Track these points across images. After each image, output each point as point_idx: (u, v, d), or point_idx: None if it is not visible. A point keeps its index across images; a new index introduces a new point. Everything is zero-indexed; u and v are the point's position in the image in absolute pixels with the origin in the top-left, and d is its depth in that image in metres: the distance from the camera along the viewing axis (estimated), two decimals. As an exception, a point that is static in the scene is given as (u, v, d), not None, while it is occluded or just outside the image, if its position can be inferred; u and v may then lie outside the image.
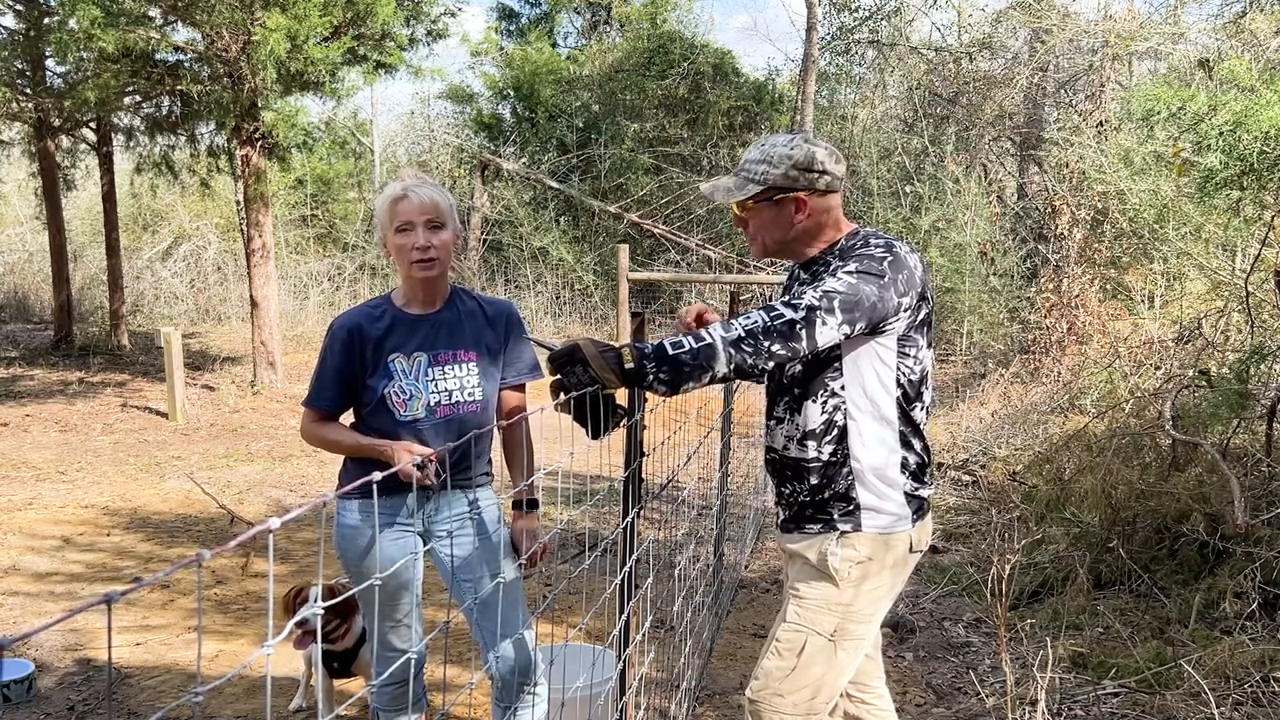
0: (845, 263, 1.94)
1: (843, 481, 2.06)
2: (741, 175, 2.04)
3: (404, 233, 2.31)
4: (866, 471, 2.05)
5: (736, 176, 2.05)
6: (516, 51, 19.29)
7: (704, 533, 4.51)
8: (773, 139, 2.04)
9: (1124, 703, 3.26)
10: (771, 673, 2.10)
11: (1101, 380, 7.06)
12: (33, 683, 3.50)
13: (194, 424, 8.82)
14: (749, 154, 2.04)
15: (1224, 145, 3.62)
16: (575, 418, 1.86)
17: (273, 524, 0.94)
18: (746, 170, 2.03)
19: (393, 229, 2.32)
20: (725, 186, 2.06)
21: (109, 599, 0.74)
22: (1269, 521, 3.74)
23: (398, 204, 2.32)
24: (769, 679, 2.10)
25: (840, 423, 2.04)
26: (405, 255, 2.32)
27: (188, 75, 9.22)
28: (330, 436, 2.42)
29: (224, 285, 16.59)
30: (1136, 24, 11.79)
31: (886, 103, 16.65)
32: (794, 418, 2.09)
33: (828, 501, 2.07)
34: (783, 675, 2.08)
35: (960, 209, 11.84)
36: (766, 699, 2.10)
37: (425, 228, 2.31)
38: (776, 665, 2.09)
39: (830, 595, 2.07)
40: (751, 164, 2.03)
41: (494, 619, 2.42)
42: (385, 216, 2.34)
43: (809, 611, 2.08)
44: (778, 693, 2.08)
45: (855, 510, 2.06)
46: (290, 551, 5.17)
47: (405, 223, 2.31)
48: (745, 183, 2.02)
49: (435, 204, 2.32)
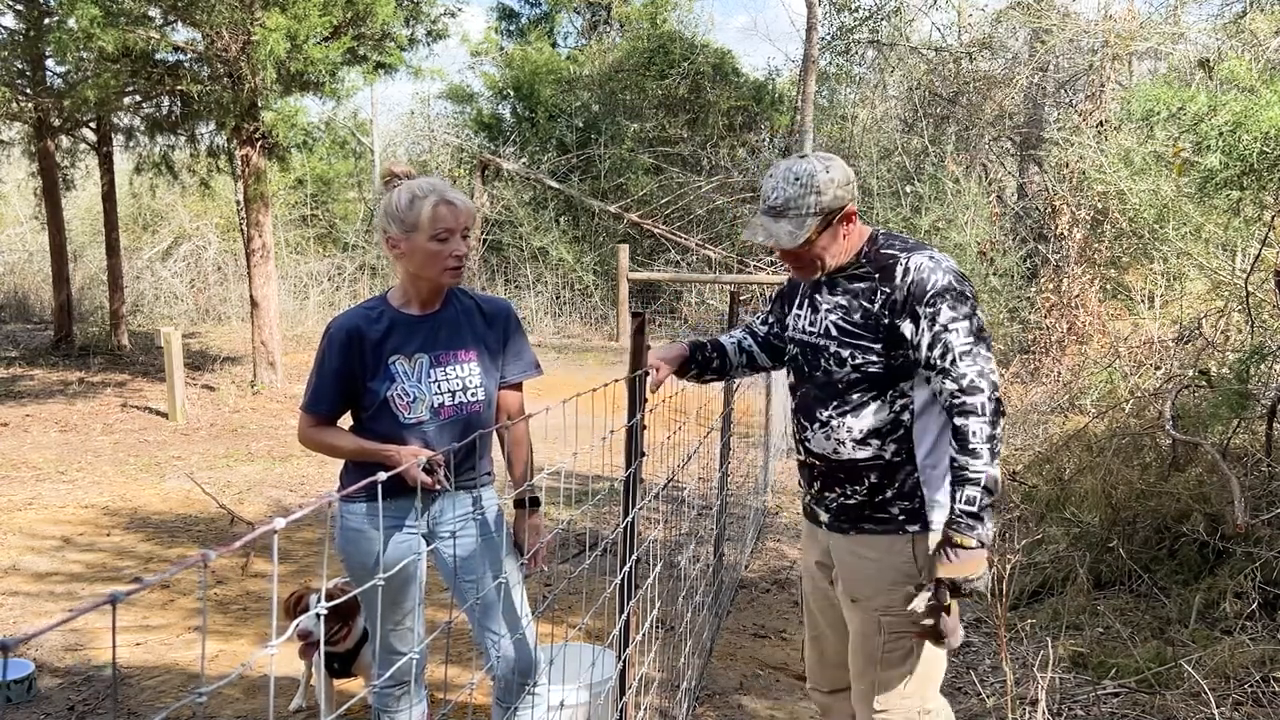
0: (935, 307, 2.02)
1: (906, 480, 2.11)
2: (792, 216, 2.06)
3: (442, 240, 2.28)
4: (929, 468, 2.11)
5: (785, 219, 2.07)
6: (516, 51, 19.29)
7: (704, 533, 4.51)
8: (792, 169, 2.07)
9: (1124, 703, 3.26)
10: (890, 682, 2.18)
11: (1101, 380, 7.06)
12: (33, 683, 3.49)
13: (194, 424, 8.82)
14: (786, 192, 2.06)
15: (1224, 145, 3.62)
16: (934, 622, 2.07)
17: (277, 524, 0.94)
18: (795, 208, 2.06)
19: (429, 234, 2.27)
20: (783, 231, 2.07)
21: (114, 599, 0.74)
22: (1269, 521, 3.74)
23: (438, 209, 2.27)
24: (891, 693, 2.19)
25: (906, 421, 2.11)
26: (439, 261, 2.29)
27: (188, 75, 9.22)
28: (331, 441, 2.38)
29: (224, 285, 16.58)
30: (1136, 24, 11.79)
31: (886, 103, 16.65)
32: (848, 419, 2.12)
33: (889, 501, 2.13)
34: (903, 682, 2.18)
35: (960, 209, 11.83)
36: (896, 705, 2.19)
37: (462, 237, 2.31)
38: (894, 675, 2.18)
39: (911, 594, 2.14)
40: (796, 200, 2.05)
41: (496, 619, 2.42)
42: (421, 219, 2.27)
43: (899, 618, 2.14)
44: (904, 695, 2.19)
45: (920, 508, 2.12)
46: (290, 551, 5.17)
47: (446, 230, 2.28)
48: (802, 220, 2.05)
49: (471, 213, 2.34)
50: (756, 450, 6.15)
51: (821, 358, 2.14)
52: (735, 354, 2.44)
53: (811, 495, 2.28)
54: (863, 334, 2.08)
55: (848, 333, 2.10)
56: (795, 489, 6.81)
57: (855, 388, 2.11)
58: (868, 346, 2.07)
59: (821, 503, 2.24)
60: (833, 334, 2.12)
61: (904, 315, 2.03)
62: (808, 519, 2.36)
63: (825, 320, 2.14)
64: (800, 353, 2.22)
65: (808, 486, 2.29)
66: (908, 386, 2.10)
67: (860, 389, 2.10)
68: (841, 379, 2.12)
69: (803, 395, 2.22)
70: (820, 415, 2.16)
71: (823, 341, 2.14)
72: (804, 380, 2.21)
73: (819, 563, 2.34)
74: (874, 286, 2.08)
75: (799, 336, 2.23)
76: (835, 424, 2.14)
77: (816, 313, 2.18)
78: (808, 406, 2.20)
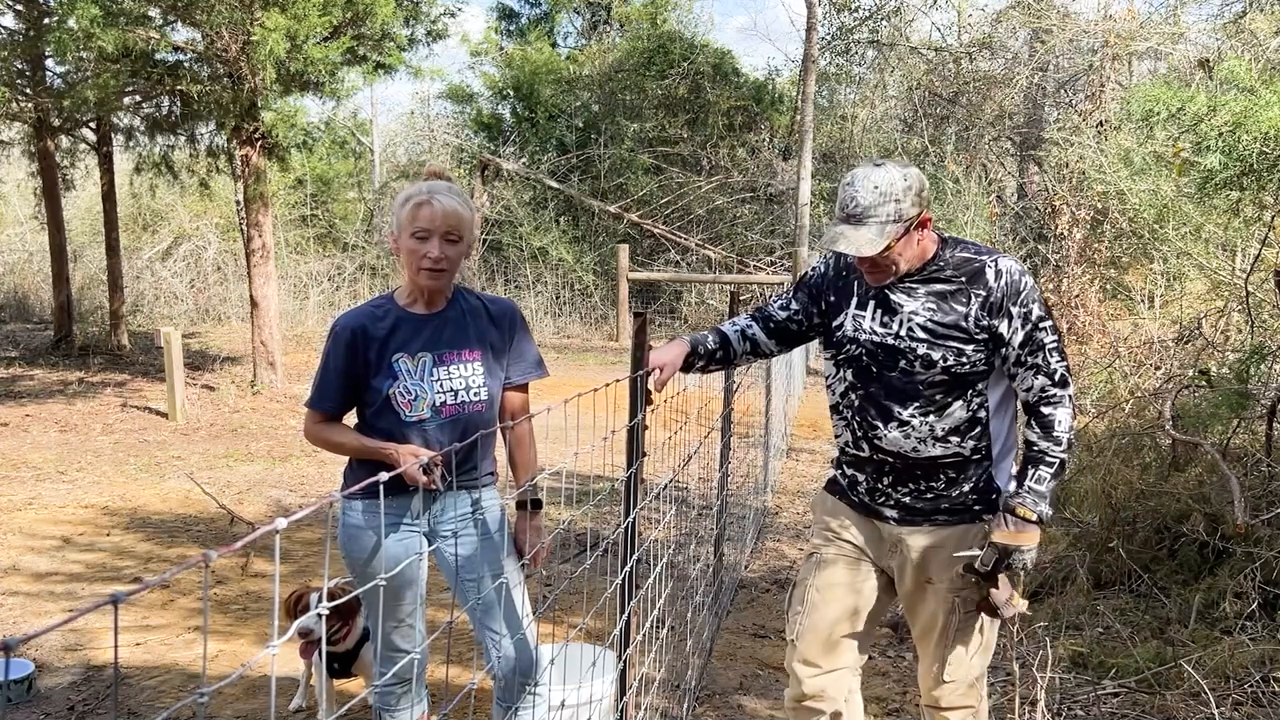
0: (1027, 306, 2.16)
1: (981, 475, 2.25)
2: (872, 223, 2.11)
3: (419, 239, 2.29)
4: (1000, 460, 2.26)
5: (865, 226, 2.11)
6: (516, 51, 19.29)
7: (704, 533, 4.52)
8: (870, 177, 2.12)
9: (1124, 703, 3.26)
10: (960, 656, 2.33)
11: (1101, 380, 7.06)
12: (33, 683, 3.49)
13: (194, 424, 8.82)
14: (865, 199, 2.10)
15: (1224, 146, 3.62)
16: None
17: (279, 524, 0.94)
18: (875, 216, 2.10)
19: (409, 232, 2.30)
20: (863, 239, 2.11)
21: (115, 599, 0.74)
22: (1269, 521, 3.74)
23: (419, 209, 2.28)
24: (958, 665, 2.33)
25: (983, 419, 2.22)
26: (416, 261, 2.30)
27: (187, 75, 9.21)
28: (334, 438, 2.41)
29: (224, 285, 16.58)
30: (1136, 24, 11.80)
31: (886, 103, 16.66)
32: (930, 418, 2.20)
33: (965, 494, 2.25)
34: (970, 654, 2.33)
35: (960, 209, 11.84)
36: (962, 675, 2.34)
37: (442, 239, 2.29)
38: (962, 649, 2.33)
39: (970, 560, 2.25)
40: (876, 208, 2.10)
41: (497, 619, 2.43)
42: (404, 218, 2.31)
43: (969, 596, 2.26)
44: (970, 667, 2.34)
45: (995, 498, 2.25)
46: (291, 551, 5.17)
47: (423, 230, 2.28)
48: (883, 227, 2.10)
49: (457, 216, 2.30)
50: (756, 450, 6.15)
51: (903, 359, 2.20)
52: (739, 341, 2.45)
53: (879, 490, 2.31)
54: (953, 334, 2.16)
55: (938, 334, 2.17)
56: (795, 489, 6.81)
57: (939, 388, 2.18)
58: (959, 348, 2.16)
59: (890, 498, 2.29)
60: (919, 336, 2.18)
61: (1000, 315, 2.15)
62: (859, 512, 2.37)
63: (910, 322, 2.19)
64: (867, 353, 2.25)
65: (874, 481, 2.31)
66: (983, 385, 2.21)
67: (943, 389, 2.18)
68: (925, 380, 2.18)
69: (871, 394, 2.25)
70: (899, 414, 2.21)
71: (906, 344, 2.19)
72: (872, 380, 2.25)
73: (849, 542, 2.37)
74: (964, 289, 2.17)
75: (865, 337, 2.26)
76: (917, 423, 2.20)
77: (893, 314, 2.22)
78: (880, 405, 2.24)
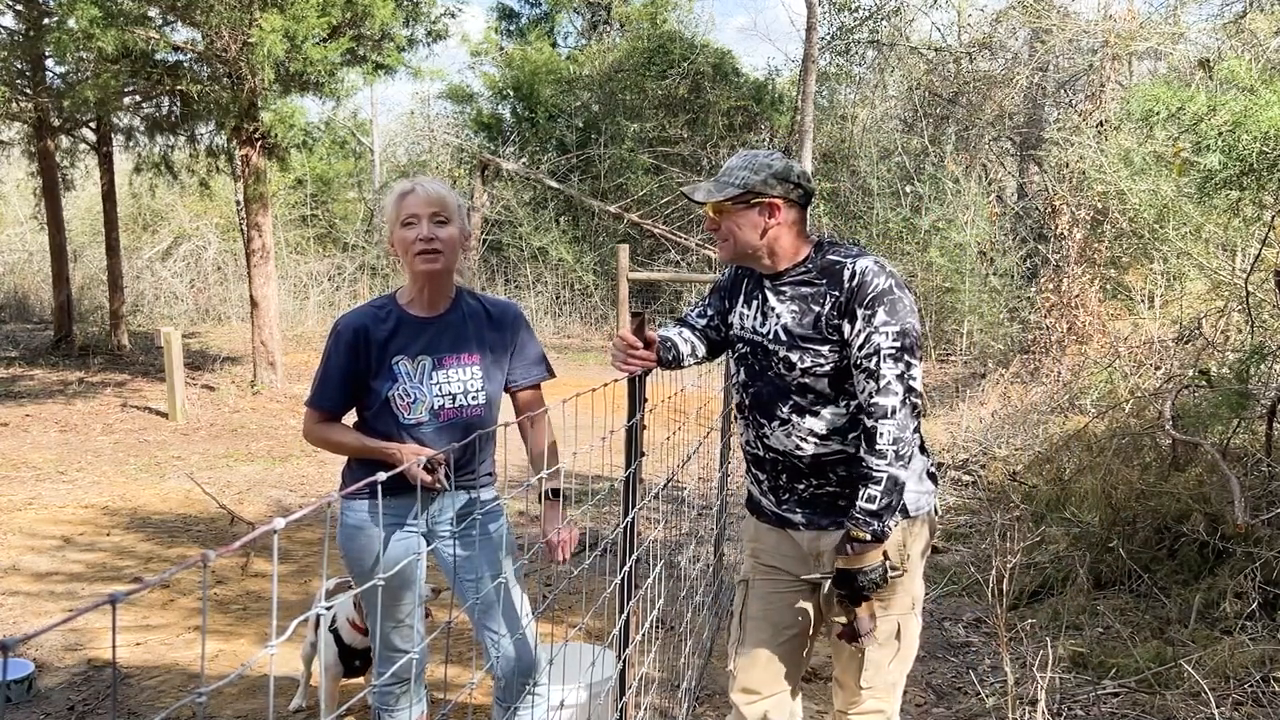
0: (872, 309, 2.07)
1: None
2: (722, 180, 2.19)
3: (409, 226, 2.31)
4: None
5: (717, 181, 2.21)
6: (516, 51, 19.28)
7: (704, 533, 4.52)
8: (754, 151, 2.23)
9: (1124, 703, 3.26)
10: (879, 662, 2.26)
11: (1101, 380, 7.06)
12: (33, 683, 3.49)
13: (194, 424, 8.82)
14: (731, 162, 2.21)
15: (1223, 145, 3.62)
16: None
17: (277, 524, 0.94)
18: (727, 176, 2.19)
19: (399, 223, 2.33)
20: (706, 188, 2.21)
21: (114, 599, 0.74)
22: (1269, 521, 3.74)
23: (404, 198, 2.33)
24: (876, 672, 2.27)
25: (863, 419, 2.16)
26: (409, 248, 2.31)
27: (187, 75, 9.22)
28: (334, 438, 2.41)
29: (224, 285, 16.58)
30: (1136, 24, 11.79)
31: (886, 103, 16.65)
32: (806, 419, 2.15)
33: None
34: (888, 661, 2.26)
35: (960, 209, 11.83)
36: (880, 682, 2.28)
37: (430, 221, 2.31)
38: (881, 655, 2.26)
39: (900, 579, 2.21)
40: (733, 170, 2.19)
41: (496, 618, 2.43)
42: (392, 212, 2.35)
43: (891, 598, 2.22)
44: (888, 674, 2.27)
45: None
46: (291, 551, 5.17)
47: (411, 216, 2.31)
48: (725, 186, 2.17)
49: (441, 198, 2.33)
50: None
51: (772, 359, 2.18)
52: (684, 344, 2.35)
53: (780, 488, 2.25)
54: (812, 336, 2.13)
55: (797, 336, 2.14)
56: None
57: (808, 389, 2.15)
58: (816, 349, 2.12)
59: (793, 494, 2.23)
60: (782, 338, 2.16)
61: (846, 315, 2.10)
62: (765, 522, 2.33)
63: (776, 325, 2.18)
64: (750, 351, 2.25)
65: (771, 479, 2.27)
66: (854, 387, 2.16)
67: (812, 390, 2.15)
68: (793, 381, 2.16)
69: (758, 392, 2.24)
70: (780, 413, 2.19)
71: (772, 345, 2.18)
72: (757, 378, 2.23)
73: (773, 566, 2.33)
74: (823, 291, 2.14)
75: (749, 336, 2.25)
76: (795, 422, 2.17)
77: (766, 317, 2.21)
78: (764, 403, 2.22)
